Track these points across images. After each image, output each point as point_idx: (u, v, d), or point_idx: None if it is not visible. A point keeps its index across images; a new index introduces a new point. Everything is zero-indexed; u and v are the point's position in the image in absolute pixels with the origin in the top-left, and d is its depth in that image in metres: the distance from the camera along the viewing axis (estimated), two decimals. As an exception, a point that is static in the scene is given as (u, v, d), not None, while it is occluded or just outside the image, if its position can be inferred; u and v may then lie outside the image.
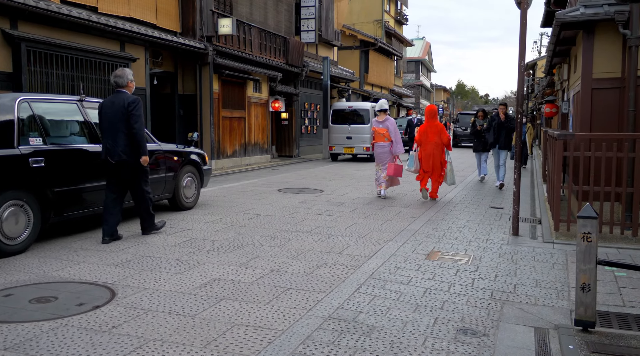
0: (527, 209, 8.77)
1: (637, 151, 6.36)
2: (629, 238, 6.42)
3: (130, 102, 6.02)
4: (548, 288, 4.59)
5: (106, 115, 6.11)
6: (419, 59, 56.01)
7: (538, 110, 29.69)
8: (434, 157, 9.67)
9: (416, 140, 9.89)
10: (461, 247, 6.06)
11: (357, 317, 3.83)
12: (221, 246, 5.93)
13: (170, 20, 14.02)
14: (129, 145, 6.04)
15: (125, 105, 5.99)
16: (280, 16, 19.23)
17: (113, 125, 6.03)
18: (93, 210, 6.53)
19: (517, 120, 7.01)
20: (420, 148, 9.79)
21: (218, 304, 4.05)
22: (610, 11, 7.36)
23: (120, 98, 6.07)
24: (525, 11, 6.67)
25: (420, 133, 9.83)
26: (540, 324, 3.79)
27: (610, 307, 4.12)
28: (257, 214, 7.95)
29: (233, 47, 16.08)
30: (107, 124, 6.10)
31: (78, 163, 6.29)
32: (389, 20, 35.43)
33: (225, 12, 15.84)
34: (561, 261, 5.49)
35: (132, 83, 6.28)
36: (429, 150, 9.66)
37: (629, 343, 3.38)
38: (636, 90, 7.29)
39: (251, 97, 17.67)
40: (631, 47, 7.24)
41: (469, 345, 3.40)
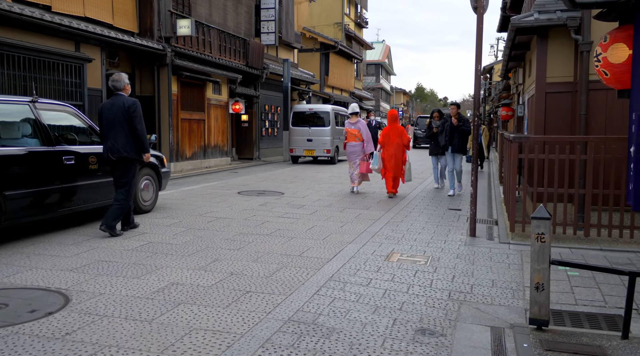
0: (485, 210, 8.95)
1: (589, 153, 6.57)
2: (581, 239, 6.63)
3: (130, 104, 6.44)
4: (504, 288, 4.69)
5: (106, 116, 6.50)
6: (379, 62, 56.59)
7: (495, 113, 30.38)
8: (396, 157, 10.50)
9: (380, 141, 10.74)
10: (420, 249, 6.12)
11: (316, 319, 3.82)
12: (180, 249, 5.83)
13: (128, 21, 13.74)
14: (129, 143, 6.47)
15: (125, 107, 6.42)
16: (240, 18, 19.11)
17: (113, 125, 6.44)
18: (47, 214, 6.32)
19: (474, 122, 7.14)
20: (383, 149, 10.62)
21: (176, 308, 3.98)
22: (562, 17, 7.59)
23: (119, 101, 6.48)
24: (481, 16, 6.81)
25: (384, 135, 10.66)
26: (496, 323, 3.86)
27: (564, 306, 4.23)
28: (216, 217, 7.86)
29: (192, 48, 15.87)
30: (107, 124, 6.49)
31: (30, 166, 6.08)
32: (349, 23, 35.66)
33: (184, 13, 15.63)
34: (517, 261, 5.62)
35: (127, 86, 6.70)
36: (391, 151, 10.49)
37: (581, 341, 3.48)
38: (587, 94, 7.54)
39: (211, 99, 17.48)
40: (582, 52, 7.49)
41: (427, 345, 3.43)
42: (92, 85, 12.24)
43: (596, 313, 4.06)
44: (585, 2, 3.91)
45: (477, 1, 6.82)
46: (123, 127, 6.42)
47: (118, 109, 6.42)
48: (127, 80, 6.68)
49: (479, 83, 7.07)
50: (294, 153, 19.57)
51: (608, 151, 6.47)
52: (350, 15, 36.95)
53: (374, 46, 48.72)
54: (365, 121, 12.39)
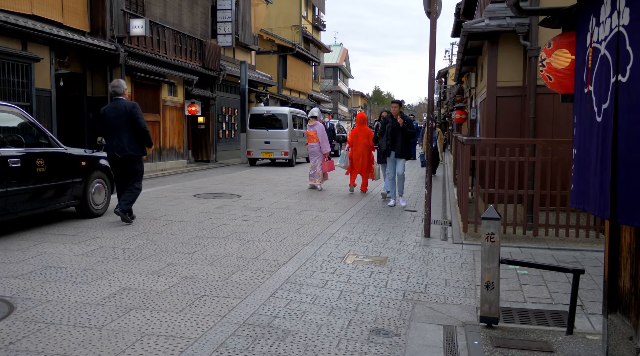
0: (439, 212, 9.11)
1: (537, 156, 6.79)
2: (530, 238, 6.83)
3: (131, 107, 7.21)
4: (457, 287, 4.78)
5: (109, 118, 7.27)
6: (337, 65, 56.90)
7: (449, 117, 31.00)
8: (363, 156, 11.18)
9: (348, 141, 11.48)
10: (376, 250, 6.18)
11: (272, 322, 3.80)
12: (132, 254, 5.71)
13: (78, 20, 13.37)
14: (133, 142, 7.25)
15: (128, 110, 7.19)
16: (196, 18, 18.88)
17: (117, 127, 7.21)
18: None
19: (428, 125, 7.27)
20: (352, 149, 11.29)
21: (127, 314, 3.89)
22: (512, 23, 7.82)
23: (121, 105, 7.26)
24: (434, 21, 6.94)
25: (352, 136, 11.37)
26: (448, 322, 3.94)
27: (513, 303, 4.35)
28: (171, 220, 7.73)
29: (146, 48, 15.59)
30: (110, 126, 7.25)
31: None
32: (306, 26, 35.74)
33: (138, 13, 15.33)
34: (469, 261, 5.74)
35: (126, 91, 7.52)
36: (359, 151, 11.16)
37: (528, 337, 3.58)
38: (536, 98, 7.78)
39: (166, 101, 17.21)
40: (531, 58, 7.73)
41: (382, 345, 3.47)
42: (41, 85, 11.84)
43: (543, 310, 4.19)
44: (530, 9, 4.04)
45: (431, 6, 6.95)
46: (126, 128, 7.18)
47: (121, 112, 7.18)
48: (125, 86, 7.50)
49: (433, 87, 7.20)
50: (251, 156, 19.45)
51: (555, 153, 6.70)
52: (308, 18, 37.05)
53: (331, 49, 48.99)
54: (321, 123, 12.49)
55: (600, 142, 2.65)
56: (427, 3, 7.01)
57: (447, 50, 64.70)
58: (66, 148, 7.41)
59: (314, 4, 38.18)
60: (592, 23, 2.72)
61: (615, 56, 2.46)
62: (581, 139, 2.95)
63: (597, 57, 2.64)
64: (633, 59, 2.28)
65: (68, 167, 7.31)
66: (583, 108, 2.92)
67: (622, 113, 2.36)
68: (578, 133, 2.97)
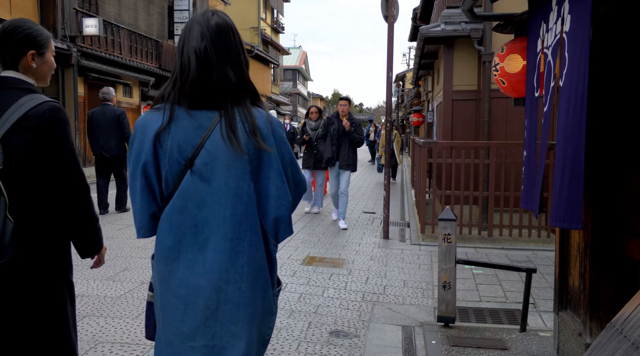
0: (397, 213, 9.22)
1: (492, 158, 6.96)
2: (486, 238, 6.99)
3: (119, 114, 8.19)
4: (415, 288, 4.85)
5: (97, 121, 8.09)
6: (296, 68, 56.93)
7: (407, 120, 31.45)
8: None
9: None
10: (335, 252, 6.21)
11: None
12: (85, 260, 5.54)
13: (27, 17, 12.94)
14: (120, 144, 8.12)
15: (116, 116, 8.12)
16: (152, 19, 18.57)
17: (105, 130, 8.04)
18: None
19: (385, 128, 7.35)
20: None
21: (80, 322, 3.78)
22: (466, 28, 8.00)
23: (109, 110, 8.15)
24: (392, 25, 7.03)
25: None
26: (407, 322, 3.98)
27: (469, 303, 4.44)
28: (127, 224, 7.56)
29: (100, 48, 15.23)
30: (98, 128, 8.06)
31: None
32: (265, 28, 35.65)
33: (91, 12, 14.97)
34: (427, 261, 5.83)
35: (114, 98, 8.46)
36: None
37: (484, 335, 3.66)
38: (490, 102, 7.98)
39: (121, 102, 16.83)
40: (485, 62, 7.92)
41: (341, 346, 3.48)
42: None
43: (498, 309, 4.30)
44: (484, 15, 4.15)
45: (388, 11, 7.04)
46: (115, 131, 8.05)
47: (110, 116, 8.07)
48: (114, 93, 8.48)
49: (390, 90, 7.29)
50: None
51: (508, 155, 6.88)
52: (267, 20, 36.96)
53: (290, 51, 48.99)
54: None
55: (543, 144, 2.75)
56: (384, 7, 7.10)
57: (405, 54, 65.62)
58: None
59: (273, 6, 38.13)
60: (543, 29, 2.81)
61: (557, 62, 2.55)
62: (529, 142, 3.05)
63: (547, 62, 2.73)
64: (568, 64, 2.36)
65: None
66: (533, 112, 3.01)
67: (561, 117, 2.44)
68: (528, 136, 3.06)
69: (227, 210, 1.66)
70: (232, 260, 1.66)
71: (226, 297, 1.66)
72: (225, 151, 1.66)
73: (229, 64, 1.70)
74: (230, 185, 1.67)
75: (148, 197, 1.70)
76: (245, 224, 1.68)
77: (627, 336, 1.84)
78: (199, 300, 1.65)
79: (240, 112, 1.70)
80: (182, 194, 1.67)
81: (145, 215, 1.72)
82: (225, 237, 1.66)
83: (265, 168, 1.71)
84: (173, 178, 1.68)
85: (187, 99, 1.68)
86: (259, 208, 1.72)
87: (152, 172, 1.68)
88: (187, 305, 1.65)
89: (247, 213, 1.69)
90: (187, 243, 1.67)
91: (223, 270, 1.65)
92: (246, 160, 1.68)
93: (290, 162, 1.79)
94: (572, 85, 2.30)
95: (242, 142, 1.66)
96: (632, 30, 2.70)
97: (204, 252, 1.66)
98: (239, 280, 1.67)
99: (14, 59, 1.99)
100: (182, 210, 1.67)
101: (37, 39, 2.02)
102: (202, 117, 1.68)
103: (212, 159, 1.66)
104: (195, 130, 1.67)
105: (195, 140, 1.66)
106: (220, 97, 1.69)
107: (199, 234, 1.66)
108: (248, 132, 1.68)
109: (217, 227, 1.66)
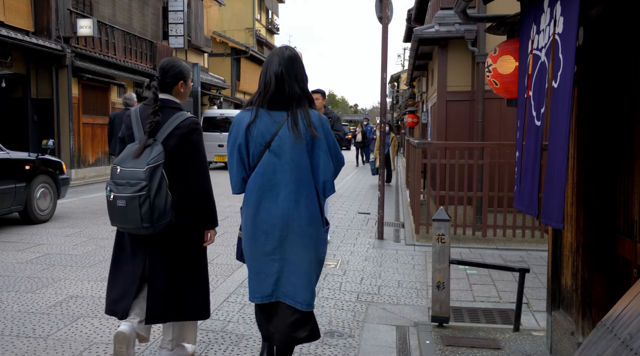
0: (392, 214, 9.24)
1: (485, 158, 6.99)
2: (479, 239, 7.02)
3: None
4: (409, 288, 4.86)
5: (118, 125, 7.84)
6: (291, 69, 56.90)
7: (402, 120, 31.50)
8: None
9: None
10: (330, 252, 6.22)
11: (225, 327, 3.77)
12: (80, 260, 5.54)
13: (21, 18, 12.90)
14: None
15: None
16: (146, 19, 18.53)
17: None
18: None
19: (380, 129, 7.36)
20: None
21: (75, 323, 3.77)
22: (460, 30, 8.03)
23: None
24: (386, 26, 7.05)
25: None
26: (401, 322, 4.00)
27: (463, 303, 4.46)
28: (121, 226, 7.54)
29: (95, 49, 15.18)
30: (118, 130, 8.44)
31: None
32: (260, 29, 35.61)
33: (85, 13, 14.92)
34: (421, 262, 5.85)
35: (135, 103, 8.30)
36: None
37: (478, 335, 3.68)
38: (484, 102, 8.02)
39: (116, 103, 16.78)
40: (479, 63, 7.95)
41: (335, 346, 3.49)
42: (-18, 86, 11.36)
43: (492, 309, 4.32)
44: (477, 16, 4.17)
45: (382, 12, 7.06)
46: None
47: None
48: (135, 98, 8.68)
49: (385, 91, 7.31)
50: (204, 159, 19.21)
51: (502, 156, 6.91)
52: (262, 21, 36.93)
53: (285, 52, 48.88)
54: None
55: (537, 145, 2.77)
56: (378, 8, 7.12)
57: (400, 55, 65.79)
58: (8, 151, 7.13)
59: (268, 7, 38.10)
60: (534, 31, 2.83)
61: (550, 63, 2.57)
62: (523, 142, 3.07)
63: (537, 63, 2.75)
64: (562, 65, 2.38)
65: (10, 172, 7.04)
66: (524, 113, 3.04)
67: (553, 118, 2.47)
68: (520, 136, 3.08)
69: (291, 175, 2.57)
70: (295, 207, 2.58)
71: (292, 229, 2.57)
72: (291, 137, 2.55)
73: (295, 82, 2.61)
74: (294, 159, 2.57)
75: (240, 166, 2.64)
76: (303, 185, 2.59)
77: (617, 334, 1.86)
78: (275, 231, 2.58)
79: (301, 111, 2.59)
80: (263, 165, 2.59)
81: (239, 178, 2.67)
82: (290, 192, 2.58)
83: (317, 149, 2.61)
84: (257, 154, 2.61)
85: (267, 103, 2.60)
86: (313, 175, 2.62)
87: (243, 151, 2.62)
88: (267, 234, 2.59)
89: (305, 178, 2.60)
90: (266, 197, 2.60)
91: (289, 212, 2.57)
92: (304, 143, 2.57)
93: (333, 146, 2.67)
94: (565, 87, 2.32)
95: (301, 132, 2.55)
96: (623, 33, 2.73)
97: (277, 201, 2.58)
98: (300, 219, 2.58)
99: (169, 87, 2.98)
100: (262, 175, 2.60)
101: (184, 73, 3.00)
102: (276, 115, 2.60)
103: (282, 143, 2.56)
104: (272, 124, 2.58)
105: (272, 130, 2.57)
106: (289, 103, 2.59)
107: (273, 190, 2.59)
108: (305, 125, 2.56)
109: (285, 186, 2.58)
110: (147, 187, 2.71)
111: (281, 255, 2.58)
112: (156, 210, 2.73)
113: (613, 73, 2.82)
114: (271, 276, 2.59)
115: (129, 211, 2.72)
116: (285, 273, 2.59)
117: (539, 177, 2.74)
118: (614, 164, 2.87)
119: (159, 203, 2.74)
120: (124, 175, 2.76)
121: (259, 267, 2.61)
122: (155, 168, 2.75)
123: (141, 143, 2.81)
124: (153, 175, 2.74)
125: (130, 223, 2.76)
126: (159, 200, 2.74)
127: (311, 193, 2.61)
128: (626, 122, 2.75)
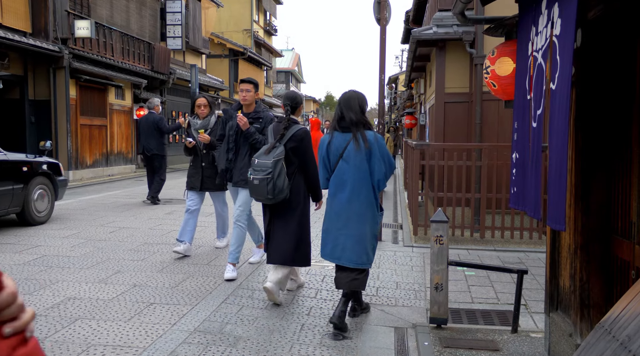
0: (390, 215, 9.24)
1: (483, 160, 6.99)
2: (478, 240, 7.02)
3: (158, 120, 9.82)
4: (407, 290, 4.86)
5: (142, 127, 9.93)
6: (289, 70, 56.92)
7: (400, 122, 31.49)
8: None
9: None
10: (328, 254, 6.20)
11: (223, 328, 3.76)
12: (78, 262, 5.53)
13: (19, 19, 12.89)
14: (159, 145, 9.83)
15: (155, 122, 9.76)
16: (144, 21, 18.52)
17: (146, 134, 9.77)
18: None
19: (378, 131, 7.36)
20: None
21: (72, 325, 3.77)
22: (458, 31, 8.04)
23: (151, 117, 9.87)
24: (384, 27, 7.05)
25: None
26: (399, 324, 3.99)
27: (461, 304, 4.46)
28: (119, 227, 7.54)
29: (92, 50, 15.17)
30: (143, 132, 9.87)
31: None
32: (258, 30, 35.61)
33: (83, 14, 14.90)
34: (419, 263, 5.85)
35: (157, 107, 10.11)
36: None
37: (476, 336, 3.68)
38: (482, 104, 8.02)
39: (113, 104, 16.78)
40: (477, 65, 7.96)
41: (334, 348, 3.49)
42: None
43: (490, 310, 4.32)
44: (475, 18, 4.17)
45: (380, 13, 7.06)
46: (154, 135, 9.74)
47: (150, 122, 9.76)
48: (158, 103, 10.19)
49: (383, 92, 7.31)
50: (202, 161, 19.21)
51: (500, 157, 6.91)
52: (260, 23, 36.93)
53: (283, 54, 48.96)
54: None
55: (535, 147, 2.77)
56: (377, 10, 7.13)
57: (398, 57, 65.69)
58: (5, 153, 7.12)
59: (266, 8, 38.10)
60: (532, 32, 2.84)
61: (548, 65, 2.57)
62: (520, 144, 3.07)
63: (536, 65, 2.75)
64: (560, 67, 2.39)
65: (7, 173, 7.03)
66: (523, 114, 3.04)
67: (552, 120, 2.47)
68: (518, 138, 3.08)
69: (355, 175, 3.78)
70: (356, 196, 3.79)
71: (354, 211, 3.79)
72: (355, 150, 3.76)
73: (352, 113, 3.85)
74: (357, 164, 3.77)
75: (324, 170, 3.95)
76: (363, 182, 3.78)
77: (615, 336, 1.86)
78: (343, 212, 3.81)
79: (361, 132, 3.79)
80: (338, 169, 3.84)
81: (324, 178, 3.97)
82: (354, 187, 3.79)
83: (373, 157, 3.78)
84: (334, 162, 3.88)
85: (338, 128, 3.89)
86: (370, 175, 3.79)
87: (326, 160, 3.91)
88: (338, 214, 3.84)
89: (365, 178, 3.79)
90: (339, 190, 3.85)
91: (353, 200, 3.79)
92: (364, 153, 3.76)
93: (385, 155, 3.84)
94: (563, 88, 2.33)
95: (361, 146, 3.75)
96: (621, 35, 2.74)
97: (344, 193, 3.81)
98: (360, 205, 3.79)
99: (293, 111, 4.44)
100: (337, 175, 3.85)
101: (301, 102, 4.56)
102: (345, 135, 3.84)
103: (349, 153, 3.78)
104: (343, 141, 3.83)
105: (343, 145, 3.81)
106: (351, 126, 3.82)
107: (343, 186, 3.82)
108: (363, 141, 3.76)
109: (350, 183, 3.79)
110: (271, 172, 4.10)
111: (347, 231, 3.78)
112: (277, 188, 4.11)
113: (611, 75, 2.83)
114: (339, 245, 3.83)
115: (259, 188, 4.13)
116: (349, 244, 3.78)
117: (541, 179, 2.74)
118: (612, 166, 2.87)
119: (279, 184, 4.12)
120: (259, 165, 4.17)
121: (332, 238, 3.87)
122: (277, 161, 4.14)
123: (270, 145, 4.24)
124: (276, 165, 4.12)
125: (260, 196, 4.18)
126: (279, 182, 4.12)
127: (368, 188, 3.78)
128: (623, 124, 2.76)
